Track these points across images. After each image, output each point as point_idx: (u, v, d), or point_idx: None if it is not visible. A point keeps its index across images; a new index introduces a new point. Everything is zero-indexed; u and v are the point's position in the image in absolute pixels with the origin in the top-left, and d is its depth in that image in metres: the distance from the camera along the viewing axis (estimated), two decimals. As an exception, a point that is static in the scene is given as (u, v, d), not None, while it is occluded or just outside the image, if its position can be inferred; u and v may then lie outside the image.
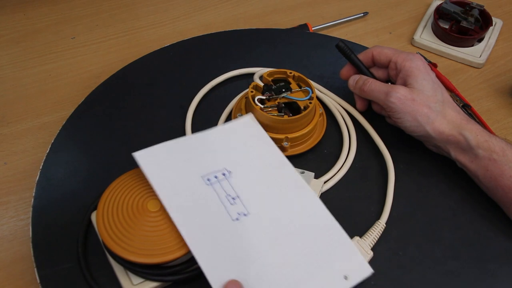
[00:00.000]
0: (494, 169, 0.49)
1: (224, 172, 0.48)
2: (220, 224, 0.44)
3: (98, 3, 0.77)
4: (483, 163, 0.49)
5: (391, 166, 0.54)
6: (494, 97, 0.66)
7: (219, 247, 0.43)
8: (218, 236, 0.44)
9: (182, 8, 0.77)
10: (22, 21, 0.74)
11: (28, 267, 0.49)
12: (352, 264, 0.44)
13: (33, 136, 0.60)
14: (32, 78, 0.66)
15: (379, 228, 0.49)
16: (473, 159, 0.50)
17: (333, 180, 0.54)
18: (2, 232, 0.52)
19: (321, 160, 0.56)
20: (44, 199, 0.52)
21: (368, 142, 0.57)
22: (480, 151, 0.49)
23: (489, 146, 0.49)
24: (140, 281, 0.44)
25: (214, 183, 0.47)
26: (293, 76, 0.57)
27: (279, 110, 0.55)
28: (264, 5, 0.78)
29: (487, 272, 0.48)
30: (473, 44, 0.71)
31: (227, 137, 0.51)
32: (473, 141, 0.49)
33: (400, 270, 0.48)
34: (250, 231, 0.45)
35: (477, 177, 0.51)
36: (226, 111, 0.60)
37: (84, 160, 0.55)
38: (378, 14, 0.77)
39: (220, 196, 0.46)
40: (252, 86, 0.55)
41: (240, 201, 0.46)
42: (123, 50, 0.70)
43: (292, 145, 0.55)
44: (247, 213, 0.46)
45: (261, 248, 0.44)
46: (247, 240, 0.44)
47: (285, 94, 0.55)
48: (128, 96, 0.62)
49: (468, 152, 0.50)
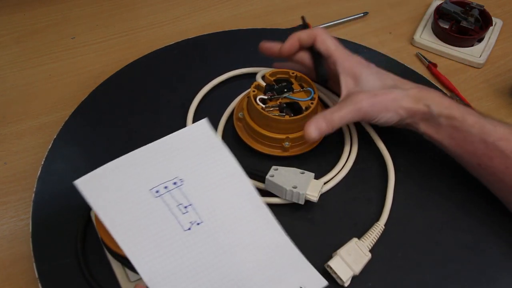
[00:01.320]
0: (457, 136, 0.49)
1: (175, 181, 0.46)
2: (170, 236, 0.43)
3: (98, 3, 0.77)
4: (447, 132, 0.50)
5: (391, 168, 0.54)
6: (494, 97, 0.66)
7: (169, 261, 0.42)
8: (167, 250, 0.42)
9: (182, 8, 0.77)
10: (22, 21, 0.74)
11: (28, 267, 0.49)
12: (306, 276, 0.44)
13: (33, 136, 0.60)
14: (32, 78, 0.66)
15: (378, 230, 0.49)
16: (437, 129, 0.51)
17: (333, 181, 0.54)
18: (2, 232, 0.52)
19: (321, 161, 0.56)
20: (45, 195, 0.52)
21: (369, 143, 0.57)
22: (442, 119, 0.50)
23: (449, 114, 0.49)
24: (138, 278, 0.45)
25: (164, 194, 0.45)
26: (296, 76, 0.57)
27: (281, 110, 0.54)
28: (264, 5, 0.78)
29: (486, 276, 0.48)
30: (473, 44, 0.71)
31: (178, 145, 0.49)
32: (436, 110, 0.50)
33: (399, 272, 0.48)
34: (202, 241, 0.44)
35: (445, 147, 0.51)
36: (227, 111, 0.59)
37: (84, 159, 0.55)
38: (378, 14, 0.77)
39: (170, 207, 0.45)
40: (254, 85, 0.55)
41: (193, 209, 0.45)
42: (123, 50, 0.70)
43: (293, 145, 0.55)
44: (200, 222, 0.44)
45: (214, 259, 0.43)
46: (199, 251, 0.43)
47: (286, 94, 0.55)
48: (128, 96, 0.62)
49: (432, 122, 0.51)
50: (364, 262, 0.47)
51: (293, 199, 0.50)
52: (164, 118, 0.60)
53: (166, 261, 0.42)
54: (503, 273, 0.49)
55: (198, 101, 0.61)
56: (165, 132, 0.50)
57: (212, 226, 0.45)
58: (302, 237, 0.47)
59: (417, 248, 0.50)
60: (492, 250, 0.50)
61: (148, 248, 0.42)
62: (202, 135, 0.50)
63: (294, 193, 0.49)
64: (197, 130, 0.50)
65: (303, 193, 0.49)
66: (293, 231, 0.47)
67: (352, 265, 0.46)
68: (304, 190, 0.49)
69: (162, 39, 0.71)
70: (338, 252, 0.47)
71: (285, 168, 0.51)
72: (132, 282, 0.45)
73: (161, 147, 0.48)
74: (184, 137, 0.49)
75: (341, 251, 0.47)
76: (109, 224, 0.42)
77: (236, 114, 0.58)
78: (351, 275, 0.46)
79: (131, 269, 0.44)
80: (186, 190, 0.46)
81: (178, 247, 0.43)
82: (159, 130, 0.58)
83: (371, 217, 0.51)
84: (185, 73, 0.64)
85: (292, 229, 0.47)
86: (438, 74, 0.68)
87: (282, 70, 0.57)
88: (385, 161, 0.55)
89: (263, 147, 0.55)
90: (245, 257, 0.44)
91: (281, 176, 0.50)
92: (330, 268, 0.46)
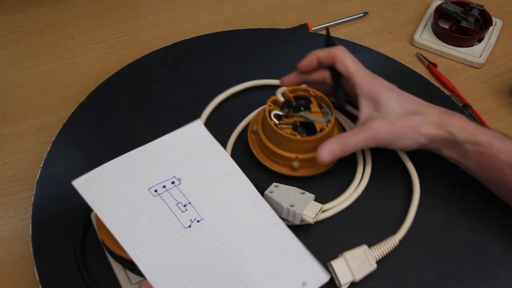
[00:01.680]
0: (484, 162, 0.48)
1: (173, 181, 0.47)
2: (171, 234, 0.43)
3: (98, 3, 0.77)
4: (473, 158, 0.49)
5: (417, 185, 0.53)
6: (494, 97, 0.66)
7: (171, 258, 0.42)
8: (169, 247, 0.43)
9: (182, 8, 0.77)
10: (22, 21, 0.74)
11: (28, 267, 0.49)
12: (309, 270, 0.44)
13: (33, 136, 0.60)
14: (32, 78, 0.66)
15: (391, 244, 0.48)
16: (464, 155, 0.50)
17: (333, 210, 0.52)
18: (2, 232, 0.52)
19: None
20: (44, 197, 0.52)
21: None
22: (468, 146, 0.49)
23: (475, 140, 0.48)
24: (139, 279, 0.45)
25: (163, 193, 0.46)
26: (316, 96, 0.55)
27: (294, 128, 0.53)
28: (264, 5, 0.78)
29: (486, 274, 0.48)
30: (473, 44, 0.71)
31: (174, 145, 0.49)
32: (460, 136, 0.49)
33: (399, 271, 0.48)
34: (204, 237, 0.44)
35: (472, 172, 0.51)
36: (244, 122, 0.58)
37: (84, 160, 0.55)
38: (378, 14, 0.77)
39: (170, 205, 0.45)
40: (272, 100, 0.54)
41: (192, 207, 0.45)
42: (123, 50, 0.70)
43: (303, 166, 0.53)
44: (200, 219, 0.45)
45: (215, 255, 0.43)
46: (201, 248, 0.43)
47: (303, 113, 0.53)
48: (128, 96, 0.62)
49: (457, 148, 0.50)
50: (368, 271, 0.46)
51: (289, 218, 0.48)
52: (163, 118, 0.60)
53: (168, 259, 0.42)
54: (503, 272, 0.49)
55: (212, 108, 0.60)
56: (164, 132, 0.50)
57: (213, 223, 0.45)
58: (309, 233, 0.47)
59: (417, 247, 0.50)
60: (492, 249, 0.50)
61: (150, 246, 0.42)
62: (198, 135, 0.50)
63: (291, 212, 0.48)
64: (193, 131, 0.51)
65: (299, 212, 0.47)
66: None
67: (354, 271, 0.46)
68: (301, 210, 0.48)
69: (162, 39, 0.71)
70: (343, 254, 0.47)
71: (286, 186, 0.50)
72: (133, 284, 0.45)
73: (158, 147, 0.49)
74: (180, 137, 0.50)
75: (347, 254, 0.47)
76: (109, 224, 0.43)
77: (251, 126, 0.56)
78: (350, 280, 0.46)
79: (132, 271, 0.44)
80: (184, 188, 0.46)
81: (179, 244, 0.43)
82: (159, 130, 0.58)
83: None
84: (184, 73, 0.64)
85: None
86: (438, 74, 0.68)
87: (303, 87, 0.56)
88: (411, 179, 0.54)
89: (272, 163, 0.54)
90: (246, 252, 0.44)
91: (280, 194, 0.49)
92: (331, 268, 0.46)
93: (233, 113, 0.60)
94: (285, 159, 0.52)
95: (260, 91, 0.62)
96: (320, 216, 0.50)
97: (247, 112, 0.59)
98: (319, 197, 0.50)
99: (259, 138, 0.54)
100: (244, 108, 0.60)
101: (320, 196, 0.50)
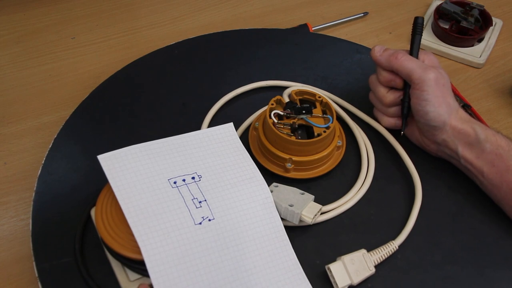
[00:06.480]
0: (500, 163, 0.49)
1: (193, 176, 0.47)
2: (181, 227, 0.44)
3: (98, 3, 0.77)
4: (490, 158, 0.49)
5: (419, 190, 0.52)
6: (494, 97, 0.66)
7: (175, 251, 0.42)
8: (175, 240, 0.43)
9: (182, 8, 0.77)
10: (22, 21, 0.74)
11: (28, 267, 0.49)
12: None
13: (33, 136, 0.60)
14: (32, 78, 0.66)
15: (390, 249, 0.48)
16: (479, 154, 0.50)
17: (334, 212, 0.52)
18: (2, 232, 0.52)
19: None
20: (45, 195, 0.52)
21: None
22: (488, 145, 0.49)
23: (496, 140, 0.49)
24: (137, 277, 0.45)
25: (181, 186, 0.46)
26: (321, 101, 0.55)
27: (293, 130, 0.53)
28: (264, 5, 0.78)
29: (485, 277, 0.48)
30: (473, 44, 0.71)
31: (202, 142, 0.50)
32: (482, 134, 0.50)
33: (398, 274, 0.48)
34: (211, 238, 0.44)
35: (482, 174, 0.50)
36: (249, 119, 0.59)
37: (84, 160, 0.55)
38: (378, 14, 0.77)
39: (185, 198, 0.45)
40: (275, 99, 0.54)
41: (207, 205, 0.46)
42: (123, 50, 0.70)
43: (295, 168, 0.53)
44: (212, 218, 0.45)
45: (218, 259, 0.43)
46: (206, 247, 0.43)
47: (304, 116, 0.54)
48: (128, 96, 0.62)
49: (475, 147, 0.50)
50: (366, 275, 0.46)
51: (288, 218, 0.48)
52: (163, 118, 0.60)
53: (172, 251, 0.42)
54: (502, 274, 0.49)
55: (220, 106, 0.60)
56: (164, 132, 0.50)
57: (223, 224, 0.45)
58: (308, 234, 0.47)
59: (416, 249, 0.50)
60: (492, 251, 0.50)
61: (157, 234, 0.43)
62: (227, 137, 0.52)
63: (289, 211, 0.48)
64: (223, 132, 0.52)
65: (298, 212, 0.47)
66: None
67: (352, 275, 0.46)
68: (300, 210, 0.48)
69: (162, 39, 0.71)
70: (341, 258, 0.47)
71: (286, 186, 0.50)
72: (131, 282, 0.45)
73: (186, 141, 0.50)
74: (209, 135, 0.51)
75: (345, 257, 0.47)
76: (123, 203, 0.43)
77: (254, 123, 0.57)
78: (348, 283, 0.46)
79: (130, 268, 0.44)
80: (203, 186, 0.47)
81: (186, 239, 0.43)
82: (159, 130, 0.58)
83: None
84: (185, 73, 0.64)
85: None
86: (438, 74, 0.68)
87: (310, 91, 0.56)
88: (414, 183, 0.53)
89: (267, 161, 0.54)
90: (248, 262, 0.44)
91: (280, 193, 0.49)
92: (329, 271, 0.46)
93: (237, 113, 0.60)
94: (278, 158, 0.53)
95: (265, 92, 0.63)
96: (319, 217, 0.50)
97: (251, 112, 0.59)
98: (319, 199, 0.50)
99: (258, 135, 0.55)
100: (248, 108, 0.60)
101: (320, 198, 0.50)
